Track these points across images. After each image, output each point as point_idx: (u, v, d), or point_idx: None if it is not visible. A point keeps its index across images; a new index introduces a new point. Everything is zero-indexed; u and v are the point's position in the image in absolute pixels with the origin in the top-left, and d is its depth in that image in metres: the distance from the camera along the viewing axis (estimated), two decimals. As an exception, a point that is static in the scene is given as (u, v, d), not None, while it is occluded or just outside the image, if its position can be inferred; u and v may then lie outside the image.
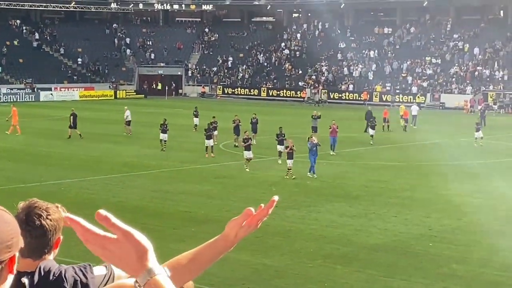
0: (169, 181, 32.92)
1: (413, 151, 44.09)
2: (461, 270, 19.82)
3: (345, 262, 20.46)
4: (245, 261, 20.38)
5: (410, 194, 30.38)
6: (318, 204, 28.19)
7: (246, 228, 2.82)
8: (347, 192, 30.69)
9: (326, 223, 25.04)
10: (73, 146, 44.39)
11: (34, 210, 3.20)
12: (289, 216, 25.97)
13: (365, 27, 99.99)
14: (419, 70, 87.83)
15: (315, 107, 72.24)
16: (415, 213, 26.63)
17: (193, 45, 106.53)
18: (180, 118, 59.46)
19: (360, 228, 24.38)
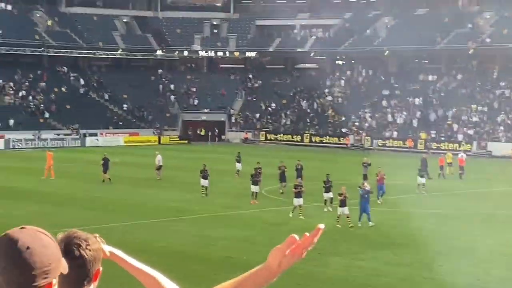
0: (211, 226, 32.82)
1: (459, 199, 43.46)
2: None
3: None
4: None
5: (456, 242, 29.82)
6: (362, 251, 27.81)
7: (290, 257, 2.66)
8: (392, 240, 30.24)
9: (370, 271, 24.65)
10: (118, 190, 44.60)
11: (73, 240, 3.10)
12: (332, 263, 25.64)
13: (410, 74, 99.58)
14: (465, 117, 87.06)
15: (364, 154, 71.82)
16: (461, 262, 26.09)
17: (237, 91, 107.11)
18: (222, 164, 59.52)
19: (405, 277, 23.94)
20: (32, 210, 35.75)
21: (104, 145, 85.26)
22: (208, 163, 46.31)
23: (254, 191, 39.95)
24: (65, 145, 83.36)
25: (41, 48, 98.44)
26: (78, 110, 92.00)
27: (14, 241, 2.46)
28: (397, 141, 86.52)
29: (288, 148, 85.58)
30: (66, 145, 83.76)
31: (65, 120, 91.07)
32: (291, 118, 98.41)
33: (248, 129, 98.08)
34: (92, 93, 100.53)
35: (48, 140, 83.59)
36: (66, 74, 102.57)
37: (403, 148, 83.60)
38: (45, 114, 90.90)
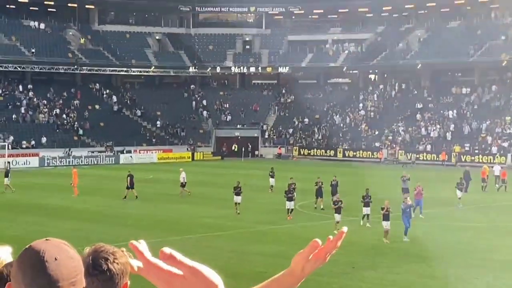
0: (245, 242, 32.82)
1: (494, 212, 43.03)
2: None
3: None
4: (322, 322, 20.03)
5: (491, 255, 29.53)
6: (396, 265, 27.63)
7: (314, 261, 2.66)
8: (426, 253, 30.01)
9: (405, 284, 24.50)
10: (151, 207, 44.80)
11: (100, 254, 3.13)
12: (366, 277, 25.53)
13: (443, 87, 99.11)
14: (499, 130, 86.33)
15: (402, 168, 71.35)
16: (497, 275, 25.84)
17: (269, 106, 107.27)
18: (256, 179, 59.55)
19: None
20: (65, 227, 35.98)
21: (138, 162, 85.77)
22: (241, 179, 46.32)
23: (289, 208, 39.82)
24: (99, 163, 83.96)
25: (74, 66, 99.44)
26: (111, 128, 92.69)
27: (42, 252, 2.48)
28: (431, 154, 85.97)
29: (322, 163, 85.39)
30: (100, 162, 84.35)
31: (99, 137, 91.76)
32: (324, 133, 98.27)
33: (281, 144, 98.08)
34: (125, 110, 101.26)
35: (82, 158, 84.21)
36: (99, 91, 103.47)
37: (437, 162, 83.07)
38: (79, 132, 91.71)
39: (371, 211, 36.75)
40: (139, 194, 48.81)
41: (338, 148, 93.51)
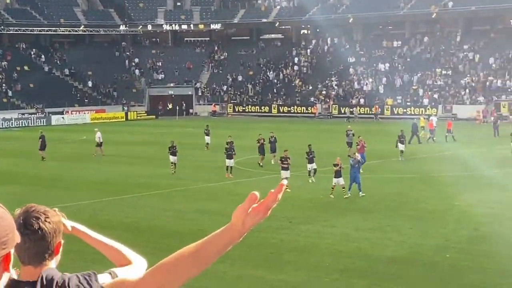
0: (182, 200, 32.78)
1: (427, 163, 43.76)
2: (478, 281, 19.55)
3: (362, 276, 20.22)
4: (261, 277, 20.20)
5: (424, 205, 30.09)
6: (332, 218, 27.95)
7: (254, 215, 2.61)
8: (362, 206, 30.44)
9: (342, 237, 24.81)
10: (85, 168, 44.35)
11: (32, 214, 3.07)
12: (303, 231, 25.78)
13: (374, 41, 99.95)
14: (430, 82, 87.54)
15: (347, 122, 71.73)
16: (430, 224, 26.36)
17: (203, 64, 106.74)
18: (191, 137, 59.41)
19: (376, 241, 24.12)
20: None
21: (71, 123, 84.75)
22: (176, 137, 46.17)
23: (228, 165, 39.63)
24: (30, 125, 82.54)
25: (1, 27, 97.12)
26: (42, 89, 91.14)
27: None
28: (364, 108, 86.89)
29: (257, 120, 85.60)
30: (31, 124, 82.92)
31: (30, 99, 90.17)
32: (258, 89, 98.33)
33: (216, 102, 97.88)
34: (55, 71, 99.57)
35: (13, 120, 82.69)
36: (28, 52, 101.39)
37: (370, 115, 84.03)
38: (9, 94, 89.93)
39: (316, 167, 36.82)
40: (72, 155, 48.29)
41: (272, 104, 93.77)
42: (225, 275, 20.12)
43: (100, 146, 50.47)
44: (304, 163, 37.21)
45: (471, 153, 47.52)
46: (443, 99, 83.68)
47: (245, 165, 43.85)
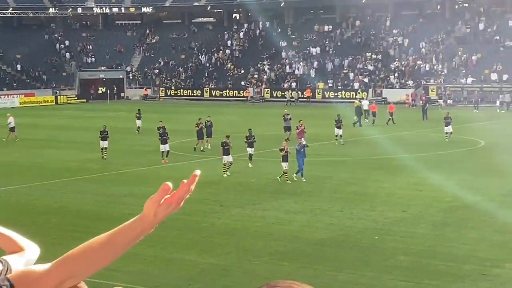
0: (112, 184, 32.57)
1: (357, 146, 44.26)
2: (406, 262, 19.91)
3: (292, 258, 20.41)
4: (191, 261, 20.23)
5: (354, 188, 30.49)
6: (263, 201, 28.11)
7: (166, 206, 2.59)
8: (292, 189, 30.68)
9: (272, 220, 24.98)
10: (15, 152, 43.64)
11: None
12: (234, 214, 25.89)
13: (306, 25, 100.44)
14: (360, 66, 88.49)
15: (286, 106, 71.85)
16: (360, 207, 26.72)
17: (134, 47, 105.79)
18: (122, 121, 58.95)
19: (306, 224, 24.37)
20: None
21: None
22: (108, 121, 45.76)
23: (164, 150, 38.85)
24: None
25: None
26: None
27: None
28: (296, 91, 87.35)
29: (189, 103, 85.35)
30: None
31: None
32: (190, 73, 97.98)
33: (148, 85, 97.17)
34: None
35: None
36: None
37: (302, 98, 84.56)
38: None
39: (254, 151, 36.62)
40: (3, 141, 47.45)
41: (204, 88, 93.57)
42: (155, 259, 20.09)
43: (14, 131, 49.75)
44: (242, 147, 37.02)
45: (400, 136, 48.29)
46: (373, 83, 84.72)
47: (177, 149, 43.66)
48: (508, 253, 20.47)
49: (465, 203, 26.86)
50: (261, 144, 39.58)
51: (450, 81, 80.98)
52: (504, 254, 20.31)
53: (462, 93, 77.62)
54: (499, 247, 21.06)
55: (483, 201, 27.21)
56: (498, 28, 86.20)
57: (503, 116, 63.65)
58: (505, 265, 19.29)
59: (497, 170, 33.86)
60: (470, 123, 55.10)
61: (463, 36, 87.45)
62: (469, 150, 41.81)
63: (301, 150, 32.75)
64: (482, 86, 78.70)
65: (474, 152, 41.22)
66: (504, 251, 20.66)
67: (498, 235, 22.33)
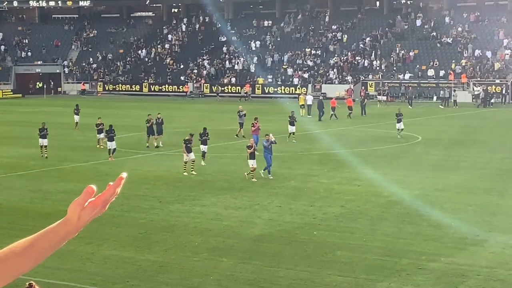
0: (49, 180, 32.10)
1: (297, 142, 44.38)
2: (345, 257, 20.03)
3: (231, 254, 20.37)
4: (129, 258, 20.05)
5: (293, 184, 30.60)
6: (202, 197, 28.03)
7: (90, 209, 2.51)
8: (232, 185, 30.64)
9: (211, 216, 24.92)
10: None
11: None
12: (173, 210, 25.76)
13: (245, 20, 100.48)
14: (300, 61, 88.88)
15: (240, 101, 71.49)
16: (299, 202, 26.82)
17: (72, 41, 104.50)
18: (59, 117, 58.17)
19: (245, 220, 24.36)
20: None
21: None
22: (44, 117, 45.02)
23: (111, 148, 37.49)
24: None
25: None
26: None
27: None
28: (235, 86, 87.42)
29: (128, 98, 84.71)
30: None
31: None
32: (129, 68, 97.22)
33: (85, 80, 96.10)
34: None
35: None
36: None
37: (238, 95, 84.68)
38: None
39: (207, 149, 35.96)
40: None
41: (143, 82, 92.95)
42: (92, 256, 19.87)
43: None
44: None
45: (338, 131, 48.64)
46: (313, 78, 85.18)
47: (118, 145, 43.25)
48: (444, 247, 20.76)
49: (402, 198, 27.15)
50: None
51: (388, 77, 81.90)
52: (440, 248, 20.59)
53: (400, 88, 78.51)
54: (435, 241, 21.35)
55: (420, 196, 27.57)
56: (435, 24, 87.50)
57: (442, 111, 64.59)
58: (441, 259, 19.56)
59: (433, 165, 34.36)
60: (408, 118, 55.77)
61: (401, 32, 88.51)
62: (406, 146, 42.33)
63: (269, 146, 31.97)
64: (419, 81, 79.79)
65: (411, 147, 41.75)
66: (439, 245, 20.95)
67: (433, 229, 22.63)
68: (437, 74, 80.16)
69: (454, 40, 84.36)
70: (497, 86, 74.91)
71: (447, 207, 25.68)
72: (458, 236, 21.85)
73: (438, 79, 79.37)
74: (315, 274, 18.58)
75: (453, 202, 26.51)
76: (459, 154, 38.26)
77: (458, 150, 39.66)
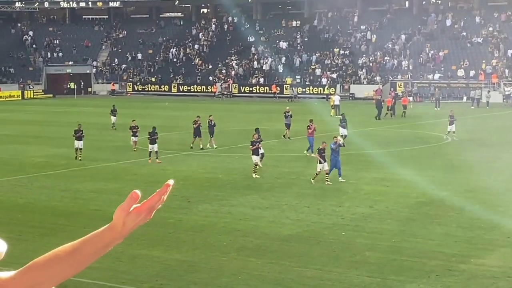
0: (79, 180, 32.29)
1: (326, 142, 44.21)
2: (373, 257, 19.96)
3: (259, 254, 20.38)
4: (158, 257, 20.13)
5: (322, 184, 30.51)
6: (230, 197, 28.06)
7: (135, 215, 2.46)
8: (259, 185, 30.63)
9: (239, 216, 24.94)
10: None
11: None
12: (201, 210, 25.81)
13: (274, 20, 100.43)
14: (328, 61, 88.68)
15: (288, 102, 71.38)
16: (327, 202, 26.76)
17: (102, 42, 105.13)
18: (89, 117, 58.49)
19: (273, 220, 24.35)
20: None
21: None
22: (75, 117, 45.27)
23: (152, 150, 36.66)
24: None
25: None
26: None
27: None
28: (263, 87, 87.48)
29: (157, 99, 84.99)
30: None
31: None
32: (158, 68, 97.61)
33: (115, 80, 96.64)
34: None
35: None
36: None
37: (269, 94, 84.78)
38: None
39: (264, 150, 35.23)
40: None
41: (172, 83, 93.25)
42: (121, 255, 19.96)
43: None
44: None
45: (368, 132, 48.44)
46: (341, 78, 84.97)
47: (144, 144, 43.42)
48: (474, 248, 20.63)
49: (432, 199, 27.01)
50: (228, 140, 39.62)
51: (417, 77, 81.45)
52: (470, 250, 20.46)
53: (429, 89, 77.99)
54: (465, 242, 21.22)
55: (449, 196, 27.39)
56: (465, 24, 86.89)
57: (473, 112, 64.04)
58: (471, 261, 19.43)
59: (463, 166, 34.14)
60: (437, 119, 55.46)
61: (430, 32, 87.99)
62: (435, 146, 42.08)
63: (337, 149, 31.09)
64: (449, 82, 79.27)
65: (441, 148, 41.49)
66: (469, 246, 20.81)
67: (463, 230, 22.49)
68: (467, 75, 79.57)
69: (484, 40, 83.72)
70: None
71: (476, 208, 25.49)
72: (489, 238, 21.69)
73: (468, 79, 78.78)
74: (343, 274, 18.54)
75: (483, 203, 26.31)
76: (490, 155, 37.94)
77: (489, 151, 39.34)
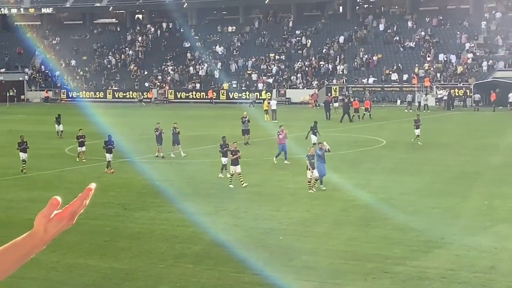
0: (12, 189, 31.75)
1: (261, 147, 44.46)
2: (311, 262, 20.05)
3: (197, 261, 20.29)
4: (94, 266, 19.89)
5: (259, 189, 30.57)
6: (167, 204, 27.87)
7: (57, 221, 2.43)
8: (197, 191, 30.53)
9: (177, 222, 24.80)
10: None
11: None
12: (138, 217, 25.60)
13: (209, 26, 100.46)
14: (264, 66, 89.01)
15: (249, 107, 70.74)
16: (265, 207, 26.80)
17: (34, 49, 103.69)
18: (22, 125, 57.60)
19: (211, 226, 24.26)
20: None
21: None
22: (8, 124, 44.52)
23: (110, 160, 35.50)
24: None
25: None
26: None
27: None
28: (200, 92, 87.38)
29: (91, 105, 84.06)
30: None
31: None
32: (93, 74, 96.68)
33: (49, 87, 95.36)
34: None
35: None
36: None
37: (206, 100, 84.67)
38: None
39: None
40: None
41: (107, 89, 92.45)
42: (57, 264, 19.68)
43: None
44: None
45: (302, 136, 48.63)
46: (277, 83, 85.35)
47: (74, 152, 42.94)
48: (409, 250, 20.88)
49: (368, 202, 27.27)
50: (165, 146, 39.47)
51: (352, 81, 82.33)
52: (405, 252, 20.70)
53: (364, 93, 78.86)
54: (400, 244, 21.46)
55: (384, 199, 27.71)
56: (398, 29, 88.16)
57: (406, 115, 64.84)
58: (406, 263, 19.66)
59: (397, 169, 34.59)
60: (371, 123, 56.10)
61: (364, 37, 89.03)
62: (370, 149, 42.54)
63: (322, 154, 30.50)
64: (383, 85, 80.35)
65: (376, 151, 41.97)
66: (405, 248, 21.06)
67: (399, 233, 22.75)
68: (401, 78, 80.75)
69: (416, 44, 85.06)
70: (459, 90, 75.57)
71: (411, 210, 25.84)
72: (423, 239, 21.99)
73: (402, 83, 79.95)
74: (282, 279, 18.56)
75: (417, 205, 26.69)
76: (422, 157, 38.56)
77: (421, 153, 39.96)
